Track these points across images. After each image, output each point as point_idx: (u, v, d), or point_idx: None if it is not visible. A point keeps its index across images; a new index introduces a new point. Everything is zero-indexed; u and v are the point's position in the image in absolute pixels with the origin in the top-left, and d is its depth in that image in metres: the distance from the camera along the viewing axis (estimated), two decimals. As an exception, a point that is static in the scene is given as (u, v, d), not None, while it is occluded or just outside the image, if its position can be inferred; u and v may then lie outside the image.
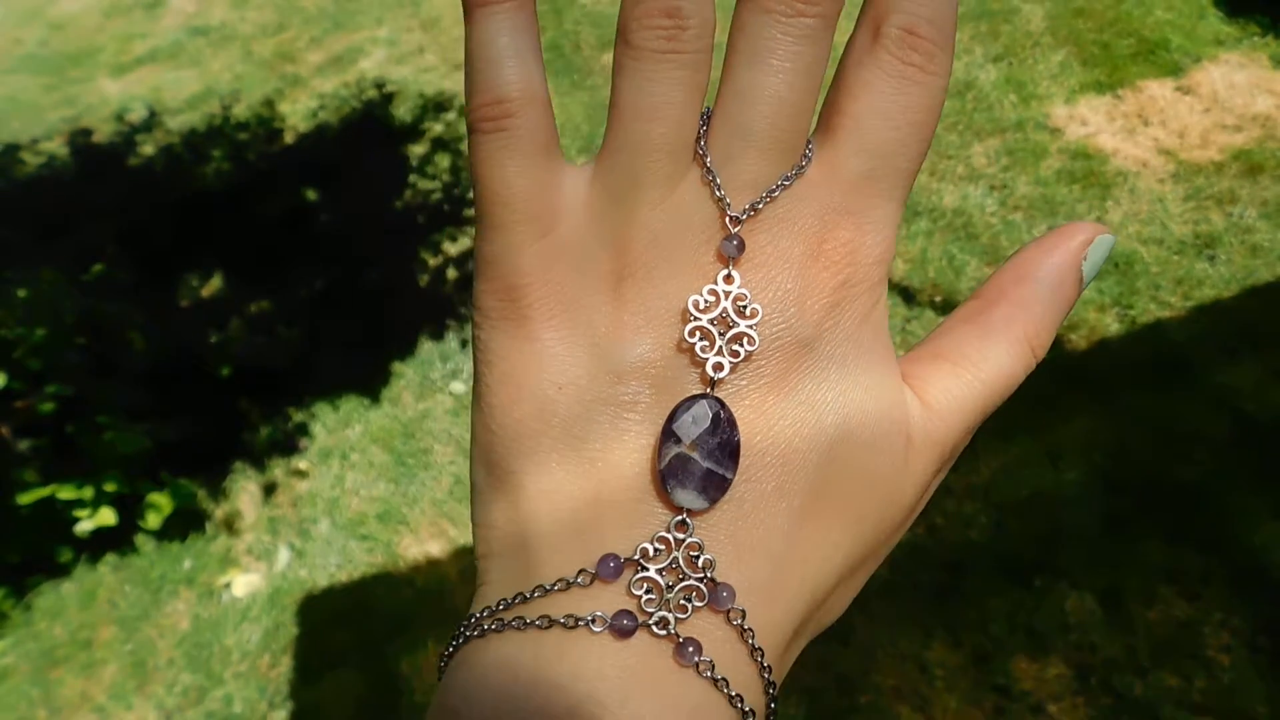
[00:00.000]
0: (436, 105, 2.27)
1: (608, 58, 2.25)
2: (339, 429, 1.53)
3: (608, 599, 0.15)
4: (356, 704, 1.15)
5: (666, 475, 0.15)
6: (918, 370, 0.18)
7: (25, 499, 1.18)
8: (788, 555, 0.16)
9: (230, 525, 1.40)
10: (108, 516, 1.25)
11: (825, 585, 0.17)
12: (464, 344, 1.65)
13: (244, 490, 1.45)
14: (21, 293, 1.39)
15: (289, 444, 1.49)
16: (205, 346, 1.57)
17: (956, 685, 1.10)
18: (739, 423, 0.16)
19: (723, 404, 0.16)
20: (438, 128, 2.19)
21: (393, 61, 2.45)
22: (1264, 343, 1.39)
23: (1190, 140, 1.74)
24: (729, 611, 0.15)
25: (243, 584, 1.31)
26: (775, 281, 0.16)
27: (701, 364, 0.16)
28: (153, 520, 1.30)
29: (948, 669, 1.12)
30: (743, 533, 0.16)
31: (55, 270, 1.49)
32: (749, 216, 0.16)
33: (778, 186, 0.16)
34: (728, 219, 0.16)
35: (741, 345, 0.16)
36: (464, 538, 1.36)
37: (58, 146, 2.38)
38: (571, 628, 0.15)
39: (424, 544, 1.34)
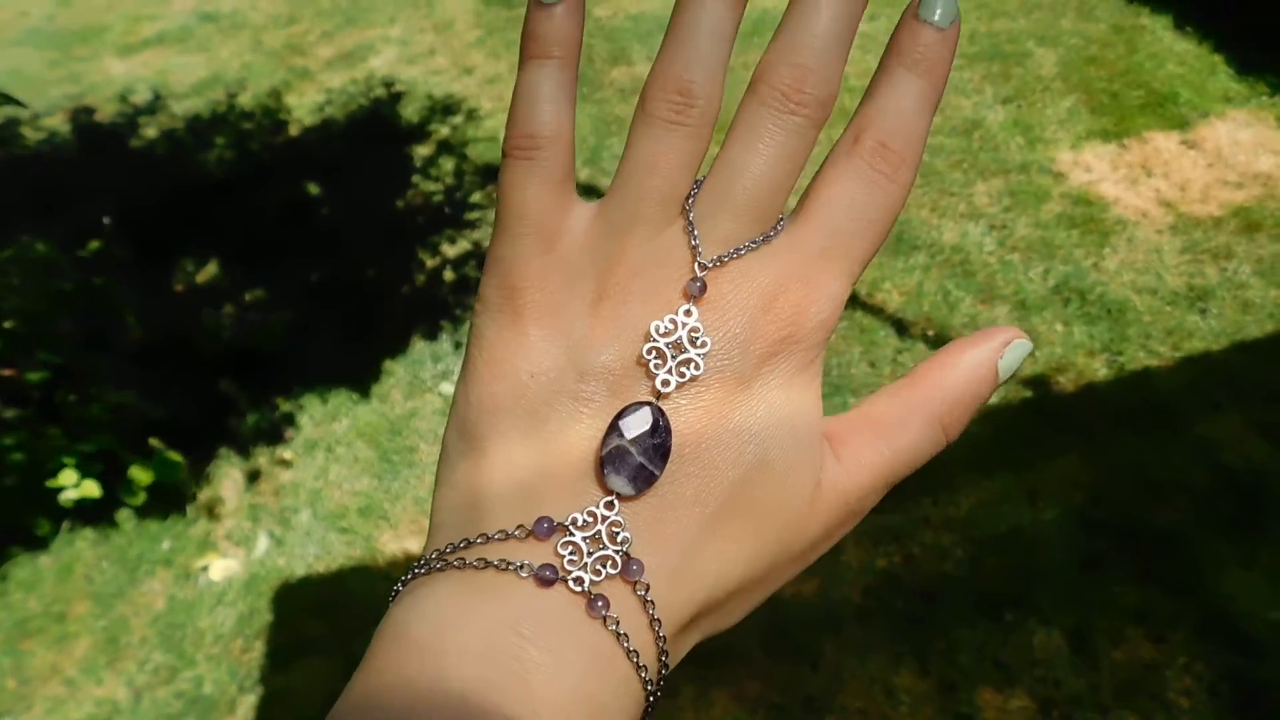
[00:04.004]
0: (444, 108, 2.38)
1: (617, 72, 2.38)
2: (326, 422, 1.63)
3: (538, 553, 0.18)
4: (326, 693, 1.23)
5: (605, 461, 0.19)
6: (841, 429, 0.21)
7: (9, 441, 1.26)
8: (694, 552, 0.19)
9: (211, 509, 1.48)
10: (92, 489, 1.33)
11: (724, 588, 0.20)
12: (457, 346, 1.75)
13: (227, 476, 1.54)
14: (7, 252, 1.48)
15: (275, 433, 1.58)
16: (197, 327, 1.67)
17: (921, 711, 1.19)
18: (674, 432, 0.19)
19: (663, 413, 0.19)
20: (444, 130, 2.30)
21: (403, 61, 2.58)
22: (1248, 397, 1.49)
23: (1191, 194, 1.86)
24: (636, 583, 0.18)
25: (220, 568, 1.39)
26: (728, 323, 0.20)
27: (653, 378, 0.19)
28: (136, 490, 1.38)
29: (914, 695, 1.20)
30: (660, 523, 0.19)
31: (50, 244, 1.59)
32: (715, 266, 0.20)
33: (745, 246, 0.20)
34: (697, 264, 0.20)
35: (689, 369, 0.19)
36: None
37: (60, 123, 2.49)
38: (503, 570, 0.18)
39: (403, 540, 1.43)
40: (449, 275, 1.91)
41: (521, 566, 0.18)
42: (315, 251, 2.00)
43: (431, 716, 0.16)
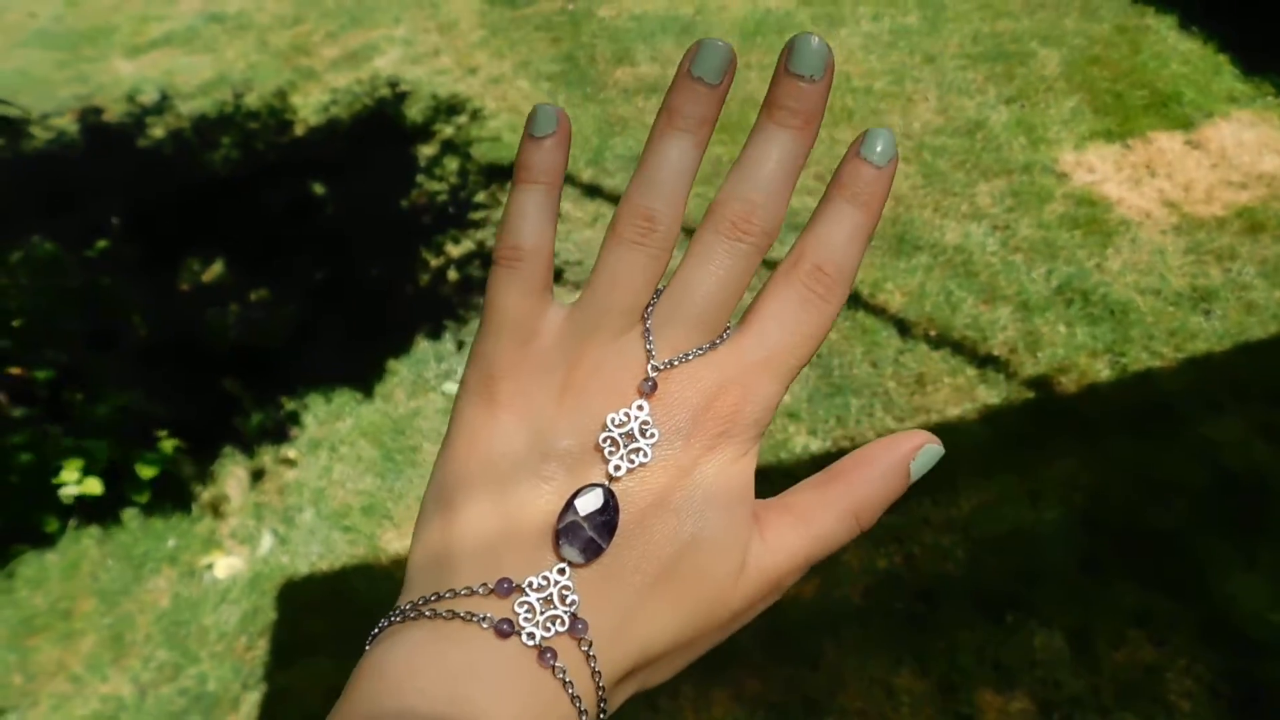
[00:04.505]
0: (449, 108, 2.38)
1: (620, 72, 2.38)
2: (330, 421, 1.63)
3: (498, 609, 0.21)
4: (328, 692, 1.24)
5: (560, 533, 0.21)
6: (768, 514, 0.24)
7: (16, 440, 1.27)
8: (632, 615, 0.22)
9: (216, 508, 1.49)
10: (94, 486, 1.34)
11: (655, 648, 0.22)
12: (460, 345, 1.75)
13: (232, 474, 1.55)
14: (17, 253, 1.49)
15: (279, 432, 1.59)
16: (203, 327, 1.67)
17: (921, 712, 1.18)
18: (621, 511, 0.22)
19: (613, 494, 0.22)
20: (448, 130, 2.31)
21: (408, 61, 2.58)
22: (1251, 399, 1.48)
23: (1195, 194, 1.85)
24: (581, 639, 0.21)
25: (224, 566, 1.40)
26: (674, 418, 0.23)
27: (606, 463, 0.22)
28: (141, 485, 1.39)
29: (914, 696, 1.20)
30: (604, 589, 0.22)
31: (57, 244, 1.60)
32: (666, 368, 0.23)
33: (693, 352, 0.23)
34: (650, 366, 0.23)
35: (638, 456, 0.22)
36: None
37: (68, 123, 2.51)
38: (467, 621, 0.21)
39: (406, 539, 1.44)
40: (453, 275, 1.91)
41: (483, 619, 0.21)
42: (320, 251, 2.01)
43: None
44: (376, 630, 0.22)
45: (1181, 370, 1.54)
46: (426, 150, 2.26)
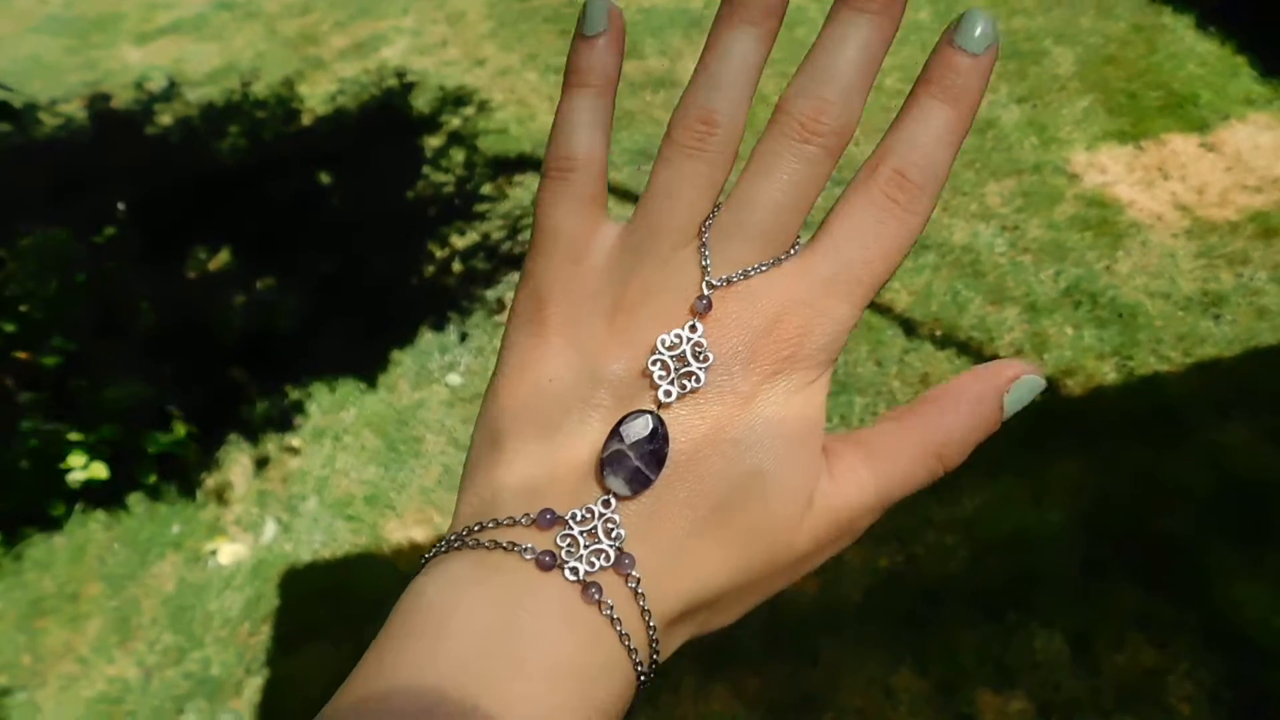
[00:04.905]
0: (456, 99, 2.39)
1: (629, 66, 2.38)
2: (334, 410, 1.65)
3: (540, 540, 0.20)
4: (330, 678, 1.25)
5: (605, 463, 0.20)
6: (840, 449, 0.22)
7: (24, 425, 1.29)
8: (682, 552, 0.20)
9: (220, 495, 1.51)
10: (100, 470, 1.36)
11: (710, 589, 0.21)
12: (464, 337, 1.77)
13: (237, 462, 1.57)
14: (26, 241, 1.51)
15: (284, 420, 1.61)
16: (209, 315, 1.69)
17: (920, 711, 1.19)
18: (672, 439, 0.20)
19: (662, 421, 0.20)
20: (455, 121, 2.31)
21: (415, 52, 2.59)
22: (1259, 405, 1.48)
23: (1209, 198, 1.85)
24: (627, 575, 0.20)
25: (228, 553, 1.42)
26: (730, 340, 0.21)
27: (656, 388, 0.21)
28: (147, 465, 1.41)
29: (913, 695, 1.21)
30: (652, 523, 0.20)
31: (66, 229, 1.62)
32: (723, 286, 0.21)
33: (754, 269, 0.21)
34: (705, 283, 0.21)
35: (690, 381, 0.20)
36: (448, 526, 1.46)
37: (76, 109, 2.53)
38: (509, 551, 0.20)
39: (408, 529, 1.45)
40: (457, 267, 1.92)
41: (525, 549, 0.20)
42: (326, 241, 2.02)
43: (437, 662, 0.19)
44: (423, 560, 0.21)
45: (1189, 375, 1.54)
46: (433, 142, 2.27)
